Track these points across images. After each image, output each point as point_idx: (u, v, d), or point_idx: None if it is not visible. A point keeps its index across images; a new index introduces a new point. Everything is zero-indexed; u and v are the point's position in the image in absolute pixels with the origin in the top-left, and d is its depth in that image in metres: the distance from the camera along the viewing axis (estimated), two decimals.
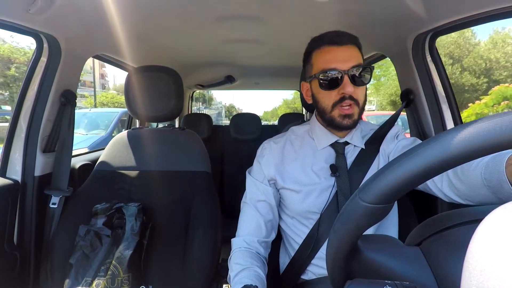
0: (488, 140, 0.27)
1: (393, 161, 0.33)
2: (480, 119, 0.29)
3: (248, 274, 0.73)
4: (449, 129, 0.31)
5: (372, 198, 0.33)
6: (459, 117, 1.12)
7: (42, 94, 1.13)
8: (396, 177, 0.32)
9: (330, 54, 0.78)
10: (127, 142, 1.24)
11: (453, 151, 0.29)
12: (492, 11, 0.83)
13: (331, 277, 0.42)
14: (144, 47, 1.53)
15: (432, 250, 0.38)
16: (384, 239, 0.43)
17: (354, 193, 0.36)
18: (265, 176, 0.88)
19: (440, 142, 0.30)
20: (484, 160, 0.54)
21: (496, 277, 0.19)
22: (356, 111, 0.79)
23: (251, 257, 0.79)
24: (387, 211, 0.35)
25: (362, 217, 0.35)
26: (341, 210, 0.38)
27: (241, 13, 1.14)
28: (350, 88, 0.75)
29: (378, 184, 0.33)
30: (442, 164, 0.29)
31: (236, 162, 2.29)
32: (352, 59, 0.76)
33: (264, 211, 0.87)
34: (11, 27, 0.95)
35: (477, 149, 0.28)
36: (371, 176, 0.35)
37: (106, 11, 1.02)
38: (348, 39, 0.78)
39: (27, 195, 1.13)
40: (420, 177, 0.31)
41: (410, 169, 0.31)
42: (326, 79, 0.77)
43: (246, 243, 0.83)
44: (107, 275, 0.94)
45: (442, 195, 0.68)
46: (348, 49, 0.78)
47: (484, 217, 0.25)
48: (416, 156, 0.31)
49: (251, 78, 2.61)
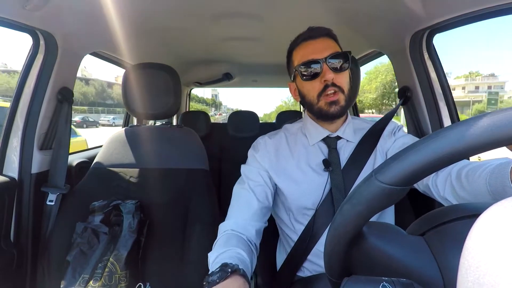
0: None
1: (417, 143, 0.32)
2: (509, 107, 0.29)
3: (229, 255, 0.65)
4: (476, 115, 0.31)
5: (390, 179, 0.32)
6: (456, 115, 1.13)
7: (38, 91, 1.13)
8: (420, 158, 0.31)
9: (307, 48, 0.82)
10: (124, 140, 1.24)
11: (480, 137, 0.28)
12: (488, 8, 0.83)
13: (328, 267, 0.41)
14: (141, 44, 1.52)
15: (436, 240, 0.37)
16: (388, 226, 0.42)
17: (369, 174, 0.35)
18: (262, 166, 0.88)
19: (468, 126, 0.29)
20: (491, 167, 0.54)
21: (492, 273, 0.20)
22: (341, 98, 0.80)
23: (238, 241, 0.71)
24: (402, 195, 0.34)
25: (377, 198, 0.33)
26: (351, 192, 0.37)
27: (239, 11, 1.13)
28: (330, 75, 0.78)
29: (399, 165, 0.32)
30: (468, 149, 0.29)
31: (234, 159, 2.27)
32: (328, 49, 0.79)
33: (262, 196, 0.84)
34: (7, 24, 0.95)
35: (504, 137, 0.28)
36: (390, 157, 0.34)
37: (103, 8, 1.02)
38: (321, 32, 0.82)
39: (24, 193, 1.12)
40: (444, 161, 0.30)
41: (434, 152, 0.30)
42: (306, 70, 0.81)
43: (237, 226, 0.76)
44: (104, 273, 0.94)
45: (444, 200, 0.68)
46: (322, 41, 0.81)
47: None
48: (442, 139, 0.30)
49: (249, 75, 2.61)
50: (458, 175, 0.63)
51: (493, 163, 0.54)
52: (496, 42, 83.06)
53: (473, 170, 0.59)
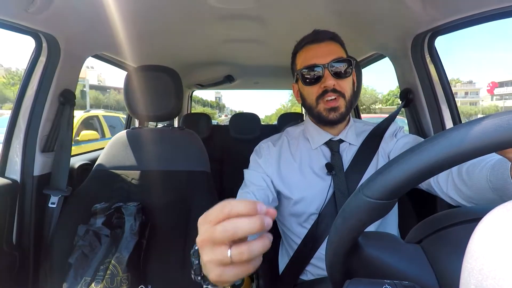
0: (495, 137, 0.27)
1: (398, 157, 0.33)
2: (486, 116, 0.29)
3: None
4: (454, 126, 0.31)
5: (375, 194, 0.33)
6: (458, 117, 1.12)
7: (41, 93, 1.13)
8: (401, 172, 0.31)
9: (311, 51, 0.81)
10: (126, 142, 1.24)
11: (459, 147, 0.29)
12: (490, 11, 0.83)
13: (330, 275, 0.42)
14: (143, 46, 1.52)
15: (433, 248, 0.38)
16: (385, 236, 0.43)
17: (357, 188, 0.36)
18: (265, 172, 0.88)
19: (446, 138, 0.30)
20: (490, 163, 0.54)
21: (494, 276, 0.19)
22: (342, 104, 0.80)
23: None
24: (390, 208, 0.34)
25: (365, 212, 0.34)
26: (343, 205, 0.38)
27: (241, 13, 1.14)
28: (331, 81, 0.77)
29: (383, 180, 0.33)
30: (448, 160, 0.29)
31: (235, 161, 2.28)
32: (331, 54, 0.79)
33: (265, 201, 0.82)
34: (10, 27, 0.95)
35: (482, 146, 0.28)
36: (375, 172, 0.35)
37: (105, 10, 1.02)
38: (326, 36, 0.81)
39: (26, 195, 1.12)
40: (425, 173, 0.31)
41: (415, 165, 0.31)
42: (307, 74, 0.80)
43: None
44: (106, 275, 0.94)
45: (448, 198, 0.68)
46: (327, 45, 0.80)
47: (483, 216, 0.24)
48: (422, 152, 0.31)
49: (250, 77, 2.61)
50: (459, 172, 0.62)
51: (492, 159, 0.54)
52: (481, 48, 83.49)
53: (473, 166, 0.58)
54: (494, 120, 0.28)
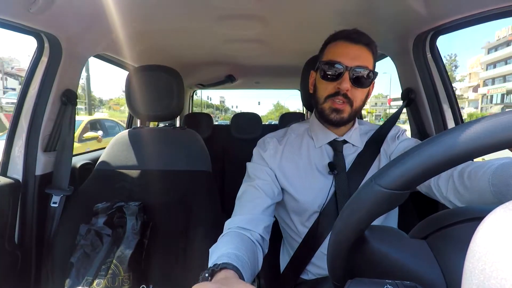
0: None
1: (416, 147, 0.32)
2: (505, 112, 0.29)
3: (227, 253, 0.58)
4: (473, 119, 0.31)
5: (390, 183, 0.32)
6: (460, 117, 1.12)
7: (43, 93, 1.14)
8: (419, 162, 0.31)
9: (341, 48, 0.79)
10: (128, 141, 1.25)
11: (477, 142, 0.28)
12: (492, 10, 0.83)
13: (331, 271, 0.41)
14: (145, 46, 1.53)
15: (439, 244, 0.37)
16: (390, 230, 0.42)
17: (369, 179, 0.35)
18: (268, 166, 0.87)
19: (465, 131, 0.29)
20: (493, 167, 0.53)
21: (496, 276, 0.19)
22: (347, 110, 0.79)
23: (241, 242, 0.66)
24: (402, 199, 0.34)
25: (376, 203, 0.33)
26: (351, 197, 0.37)
27: (242, 13, 1.14)
28: (346, 85, 0.76)
29: (399, 169, 0.32)
30: (466, 153, 0.29)
31: (237, 161, 2.28)
32: (359, 59, 0.76)
33: (269, 193, 0.82)
34: (12, 27, 0.95)
35: (501, 141, 0.28)
36: (389, 162, 0.34)
37: (107, 10, 1.02)
38: (363, 40, 0.78)
39: (28, 194, 1.13)
40: (444, 165, 0.30)
41: (434, 156, 0.30)
42: (328, 70, 0.78)
43: (245, 222, 0.73)
44: (108, 274, 0.94)
45: (447, 201, 0.67)
46: (359, 49, 0.78)
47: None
48: (440, 143, 0.30)
49: (251, 77, 2.61)
50: (460, 176, 0.62)
51: (496, 163, 0.54)
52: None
53: (476, 170, 0.58)
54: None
